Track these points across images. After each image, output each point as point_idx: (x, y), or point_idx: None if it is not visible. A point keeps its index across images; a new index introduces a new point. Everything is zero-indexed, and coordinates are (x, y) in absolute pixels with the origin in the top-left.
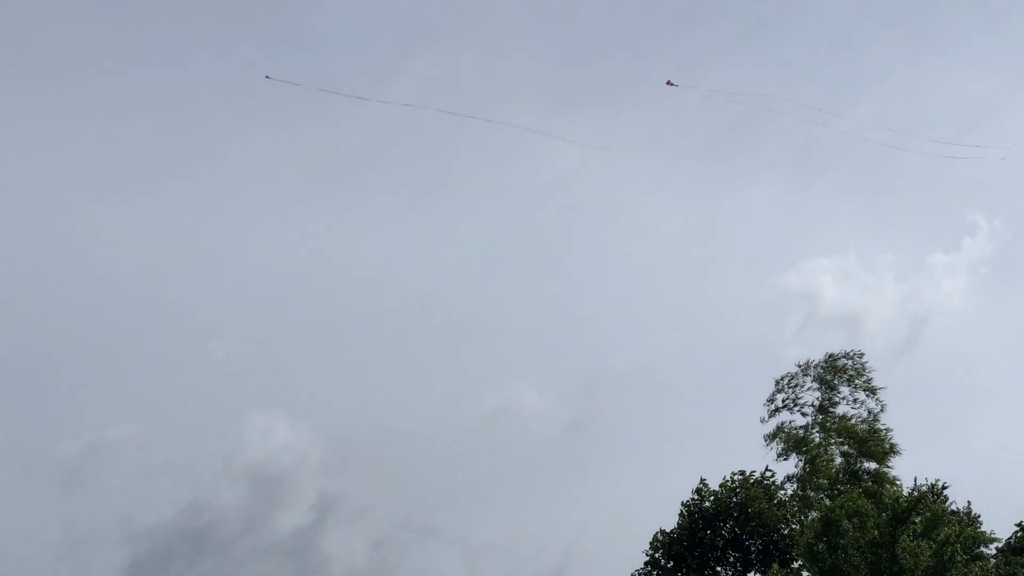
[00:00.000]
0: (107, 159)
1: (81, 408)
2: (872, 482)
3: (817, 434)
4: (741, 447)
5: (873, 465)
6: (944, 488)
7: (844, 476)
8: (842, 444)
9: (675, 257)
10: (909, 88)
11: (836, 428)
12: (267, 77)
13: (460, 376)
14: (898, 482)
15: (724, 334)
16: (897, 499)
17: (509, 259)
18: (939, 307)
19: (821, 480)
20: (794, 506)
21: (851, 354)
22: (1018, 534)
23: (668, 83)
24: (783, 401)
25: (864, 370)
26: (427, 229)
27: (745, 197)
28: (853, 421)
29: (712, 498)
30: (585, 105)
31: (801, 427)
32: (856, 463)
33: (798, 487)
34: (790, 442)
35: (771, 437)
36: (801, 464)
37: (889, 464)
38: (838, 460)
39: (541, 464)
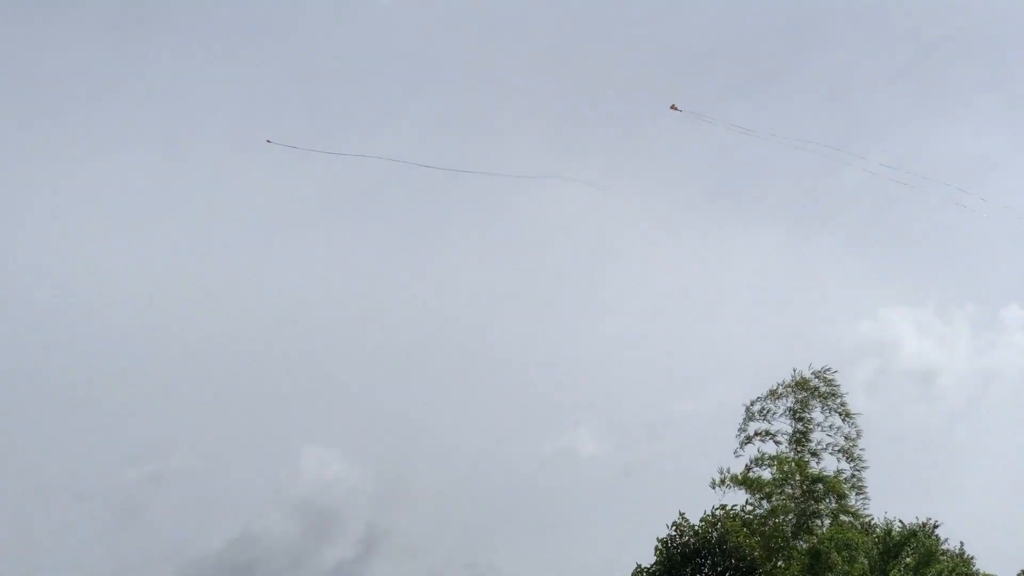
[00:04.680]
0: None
1: (140, 438)
2: (834, 519)
3: (768, 471)
4: None
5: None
6: (936, 526)
7: (804, 517)
8: (800, 484)
9: (728, 303)
10: (916, 142)
11: (789, 470)
12: (268, 141)
13: (520, 418)
14: (870, 518)
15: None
16: (889, 532)
17: (554, 299)
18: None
19: (782, 519)
20: (767, 543)
21: (821, 372)
22: None
23: (672, 107)
24: (755, 431)
25: (837, 392)
26: (438, 272)
27: (761, 242)
28: (828, 449)
29: (692, 533)
30: (589, 146)
31: (768, 459)
32: (814, 502)
33: (766, 525)
34: (740, 484)
35: (719, 483)
36: (756, 502)
37: (853, 503)
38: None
39: (595, 508)
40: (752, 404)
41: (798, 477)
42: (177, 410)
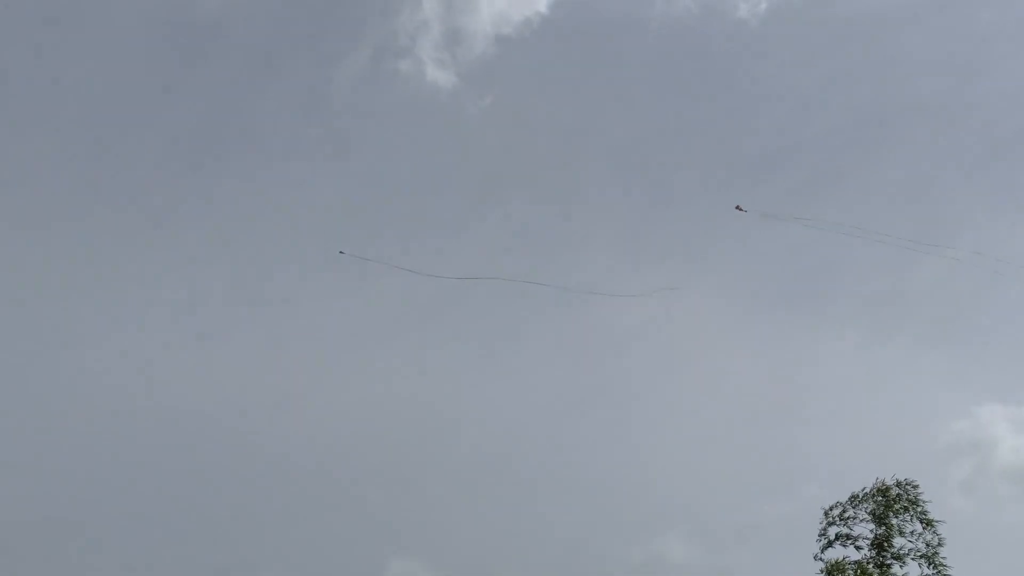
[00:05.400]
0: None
1: (225, 553)
2: None
3: None
4: None
5: None
6: None
7: None
8: None
9: (812, 402)
10: (994, 235)
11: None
12: (341, 252)
13: (606, 525)
14: None
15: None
16: None
17: (633, 405)
18: None
19: None
20: None
21: (903, 483)
22: None
23: (737, 208)
24: (835, 535)
25: (918, 500)
26: (516, 382)
27: (842, 339)
28: (910, 554)
29: None
30: (660, 250)
31: (844, 564)
32: None
33: None
34: None
35: None
36: None
37: None
38: None
39: None
40: (831, 509)
41: None
42: (261, 525)
